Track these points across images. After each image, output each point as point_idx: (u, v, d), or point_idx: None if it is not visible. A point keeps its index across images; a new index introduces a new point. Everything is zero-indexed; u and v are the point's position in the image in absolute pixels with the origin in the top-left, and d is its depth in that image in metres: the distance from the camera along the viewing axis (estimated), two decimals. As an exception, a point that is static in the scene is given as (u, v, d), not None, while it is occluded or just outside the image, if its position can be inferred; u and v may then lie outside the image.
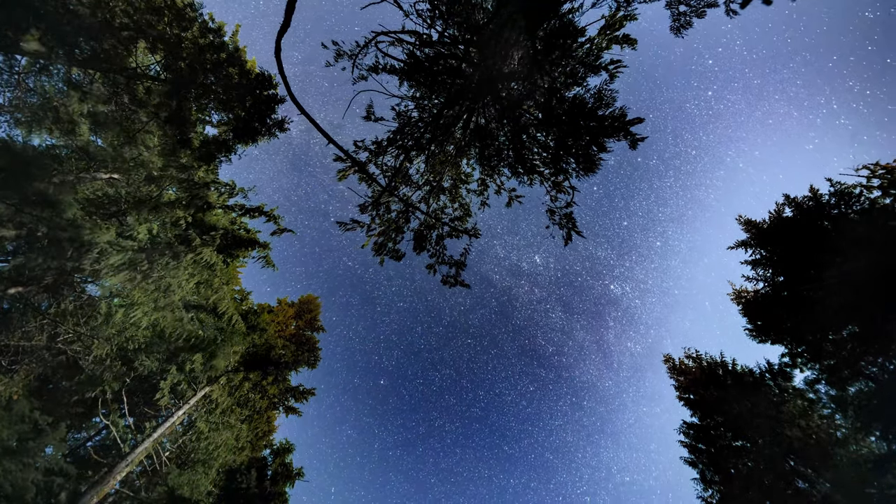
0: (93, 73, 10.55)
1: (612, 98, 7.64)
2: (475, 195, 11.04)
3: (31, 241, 11.07)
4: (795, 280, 13.52)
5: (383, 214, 10.29)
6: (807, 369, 13.50)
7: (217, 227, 14.30)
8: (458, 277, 10.30)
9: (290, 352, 19.99)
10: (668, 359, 17.97)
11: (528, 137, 9.19)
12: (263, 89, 12.27)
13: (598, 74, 8.10)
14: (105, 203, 11.53)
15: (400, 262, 10.68)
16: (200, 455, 15.79)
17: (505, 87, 8.71)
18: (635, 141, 7.59)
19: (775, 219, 14.05)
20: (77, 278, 13.05)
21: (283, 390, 20.62)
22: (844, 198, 12.38)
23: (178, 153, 11.66)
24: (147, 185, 12.26)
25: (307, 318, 22.42)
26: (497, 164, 10.05)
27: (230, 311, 15.96)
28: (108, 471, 12.62)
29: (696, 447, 15.36)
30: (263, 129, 12.74)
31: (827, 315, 11.79)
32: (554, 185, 9.20)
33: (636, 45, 7.90)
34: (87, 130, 10.72)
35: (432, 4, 7.95)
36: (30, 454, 11.55)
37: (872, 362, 11.48)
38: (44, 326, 12.64)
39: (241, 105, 12.03)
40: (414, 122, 9.84)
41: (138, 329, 12.93)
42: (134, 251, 11.32)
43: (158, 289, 12.48)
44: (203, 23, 10.95)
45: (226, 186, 14.60)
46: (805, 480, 12.24)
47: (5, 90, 10.47)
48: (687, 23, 7.42)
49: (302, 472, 19.33)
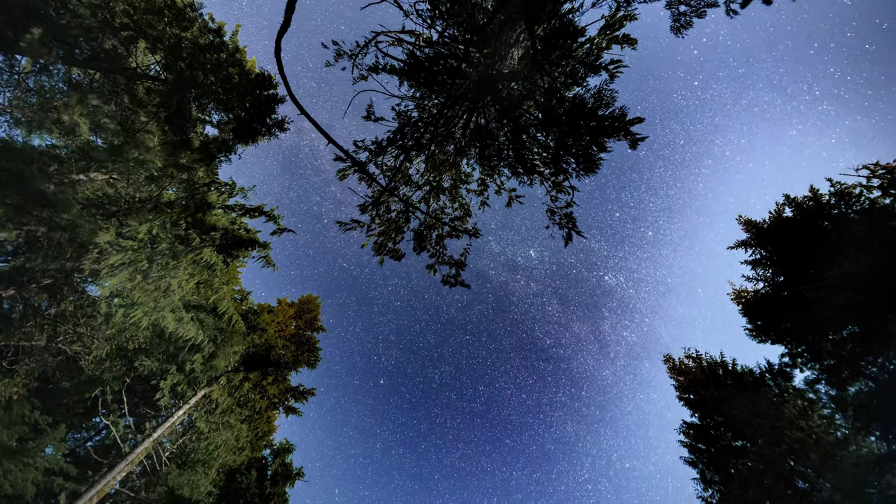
0: (93, 73, 10.55)
1: (612, 98, 7.64)
2: (475, 195, 11.04)
3: (31, 241, 11.07)
4: (795, 280, 13.52)
5: (383, 214, 10.29)
6: (807, 369, 13.50)
7: (217, 227, 14.30)
8: (459, 277, 10.30)
9: (290, 352, 20.00)
10: (668, 359, 17.97)
11: (528, 137, 9.19)
12: (263, 89, 12.27)
13: (598, 74, 8.10)
14: (105, 203, 11.53)
15: (396, 263, 10.68)
16: (200, 455, 15.79)
17: (505, 86, 8.71)
18: (635, 141, 7.59)
19: (775, 219, 14.05)
20: (77, 278, 13.06)
21: (283, 390, 20.62)
22: (844, 198, 12.39)
23: (178, 153, 11.66)
24: (147, 185, 12.26)
25: (307, 318, 22.42)
26: (497, 164, 10.05)
27: (230, 311, 15.96)
28: (108, 471, 12.62)
29: (696, 447, 15.36)
30: (263, 129, 12.74)
31: (827, 315, 11.79)
32: (554, 185, 9.20)
33: (636, 45, 7.90)
34: (87, 130, 10.72)
35: (432, 4, 7.95)
36: (30, 454, 11.55)
37: (872, 362, 11.48)
38: (44, 326, 12.64)
39: (241, 105, 12.03)
40: (414, 122, 9.84)
41: (138, 329, 12.93)
42: (134, 251, 11.32)
43: (158, 289, 12.48)
44: (203, 23, 10.95)
45: (226, 186, 14.59)
46: (805, 480, 12.25)
47: (5, 90, 10.47)
48: (687, 23, 7.42)
49: (302, 471, 19.33)
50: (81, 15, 9.20)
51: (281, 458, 19.16)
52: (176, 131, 11.57)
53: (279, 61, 3.41)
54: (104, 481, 12.27)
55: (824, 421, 12.87)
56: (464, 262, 10.35)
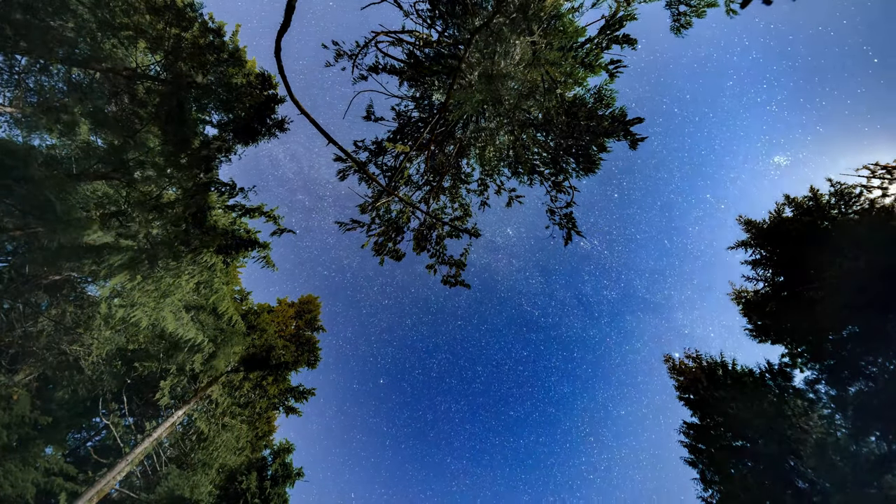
0: (93, 73, 10.55)
1: (611, 98, 7.64)
2: (475, 195, 11.05)
3: (31, 241, 11.07)
4: (795, 280, 13.52)
5: (383, 214, 10.30)
6: (807, 369, 13.50)
7: (217, 228, 14.30)
8: (459, 277, 10.31)
9: (291, 352, 19.99)
10: (667, 359, 17.97)
11: (528, 137, 9.19)
12: (263, 89, 12.27)
13: (598, 74, 8.11)
14: (105, 203, 11.53)
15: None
16: (200, 455, 15.79)
17: (505, 86, 8.72)
18: (635, 141, 7.59)
19: (775, 219, 14.05)
20: (77, 278, 13.06)
21: (283, 390, 20.62)
22: (844, 198, 12.39)
23: (178, 153, 11.66)
24: (147, 185, 12.26)
25: (307, 318, 22.41)
26: (497, 164, 10.05)
27: (230, 311, 15.96)
28: (108, 471, 12.62)
29: (696, 447, 15.36)
30: (263, 130, 12.75)
31: (827, 315, 11.79)
32: (554, 185, 9.20)
33: (636, 45, 7.91)
34: (87, 130, 10.72)
35: (432, 4, 7.96)
36: (30, 454, 11.55)
37: (872, 362, 11.48)
38: (44, 326, 12.64)
39: (241, 105, 12.03)
40: (414, 122, 9.84)
41: (138, 329, 12.93)
42: (134, 251, 11.32)
43: (158, 289, 12.48)
44: (203, 23, 10.95)
45: (226, 186, 14.59)
46: (805, 480, 12.24)
47: (5, 90, 10.48)
48: (687, 23, 7.43)
49: (302, 472, 19.33)
50: (81, 15, 9.20)
51: (281, 459, 19.16)
52: (176, 131, 11.57)
53: (279, 61, 3.41)
54: (104, 481, 12.27)
55: (824, 421, 12.87)
56: (464, 261, 10.35)
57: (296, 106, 3.77)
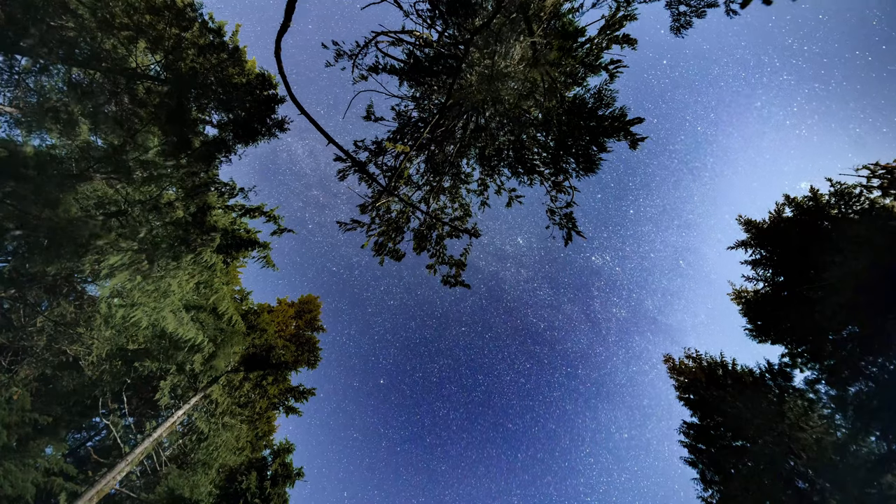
0: (93, 73, 10.55)
1: (611, 98, 7.64)
2: (475, 195, 11.05)
3: (31, 241, 11.07)
4: (795, 280, 13.52)
5: (383, 214, 10.29)
6: (807, 369, 13.50)
7: (217, 228, 14.30)
8: (459, 277, 10.30)
9: (291, 352, 19.99)
10: (667, 359, 17.97)
11: (528, 137, 9.19)
12: (263, 89, 12.27)
13: (598, 74, 8.10)
14: (105, 203, 11.53)
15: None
16: (200, 455, 15.79)
17: (505, 86, 8.71)
18: (635, 141, 7.59)
19: (775, 219, 14.05)
20: (77, 278, 13.06)
21: (283, 390, 20.62)
22: (844, 198, 12.39)
23: (178, 153, 11.66)
24: (147, 185, 12.25)
25: (307, 318, 22.42)
26: (497, 164, 10.05)
27: (230, 311, 15.95)
28: (108, 471, 12.62)
29: (696, 447, 15.36)
30: (263, 130, 12.74)
31: (827, 315, 11.79)
32: (554, 185, 9.20)
33: (636, 45, 7.90)
34: (87, 130, 10.72)
35: (432, 4, 7.96)
36: (30, 454, 11.55)
37: (872, 362, 11.48)
38: (44, 326, 12.64)
39: (241, 105, 12.03)
40: (414, 122, 9.84)
41: (138, 329, 12.93)
42: (134, 251, 11.32)
43: (158, 289, 12.47)
44: (203, 23, 10.94)
45: (226, 186, 14.59)
46: (805, 480, 12.24)
47: (5, 90, 10.47)
48: (687, 23, 7.42)
49: (302, 471, 19.33)
50: (81, 15, 9.20)
51: (281, 458, 19.16)
52: (176, 131, 11.57)
53: (279, 61, 3.41)
54: (104, 481, 12.27)
55: (824, 421, 12.87)
56: (464, 262, 10.35)
57: (296, 106, 3.78)
